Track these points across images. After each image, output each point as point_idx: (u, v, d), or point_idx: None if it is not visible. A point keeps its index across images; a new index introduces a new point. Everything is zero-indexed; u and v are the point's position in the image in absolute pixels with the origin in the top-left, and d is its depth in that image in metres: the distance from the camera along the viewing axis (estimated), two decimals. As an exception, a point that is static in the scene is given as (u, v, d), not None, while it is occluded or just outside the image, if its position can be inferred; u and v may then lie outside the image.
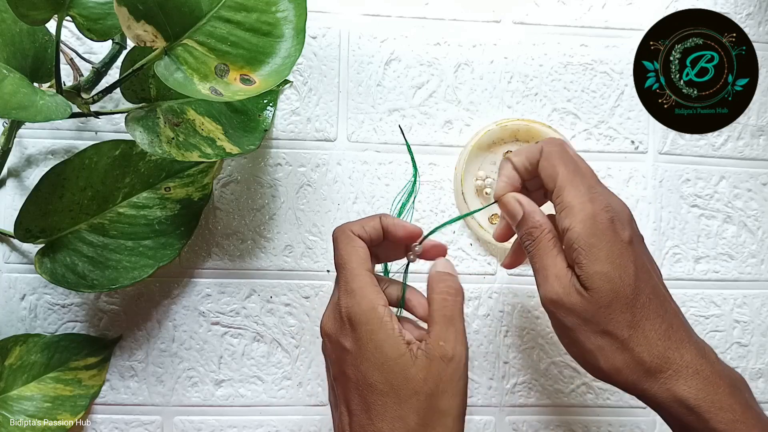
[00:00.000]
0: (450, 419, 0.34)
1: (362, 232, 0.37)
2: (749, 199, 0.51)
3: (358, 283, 0.35)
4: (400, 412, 0.33)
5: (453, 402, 0.34)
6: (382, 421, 0.33)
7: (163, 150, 0.39)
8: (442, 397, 0.34)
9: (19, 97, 0.35)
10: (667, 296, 0.36)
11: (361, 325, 0.34)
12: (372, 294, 0.35)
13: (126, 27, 0.36)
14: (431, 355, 0.34)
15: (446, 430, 0.34)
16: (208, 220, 0.48)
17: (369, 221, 0.38)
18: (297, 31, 0.39)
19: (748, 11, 0.52)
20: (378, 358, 0.34)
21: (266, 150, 0.49)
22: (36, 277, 0.47)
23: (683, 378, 0.33)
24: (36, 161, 0.48)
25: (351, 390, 0.35)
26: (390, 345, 0.34)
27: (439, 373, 0.34)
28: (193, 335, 0.48)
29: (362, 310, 0.34)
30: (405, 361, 0.34)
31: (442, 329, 0.35)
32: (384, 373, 0.34)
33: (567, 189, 0.35)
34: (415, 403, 0.33)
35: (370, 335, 0.34)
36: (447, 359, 0.34)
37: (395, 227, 0.38)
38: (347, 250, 0.36)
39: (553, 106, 0.50)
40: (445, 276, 0.37)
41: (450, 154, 0.50)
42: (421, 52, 0.50)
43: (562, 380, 0.49)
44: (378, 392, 0.34)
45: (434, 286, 0.37)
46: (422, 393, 0.33)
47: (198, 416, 0.48)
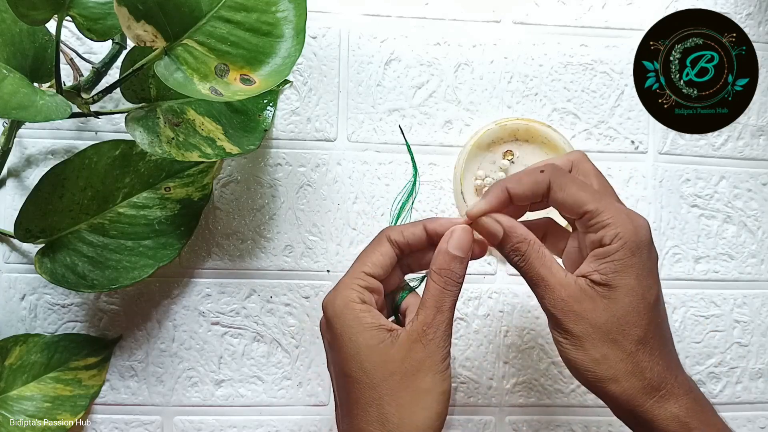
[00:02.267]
0: (430, 398, 0.34)
1: (399, 237, 0.37)
2: (749, 199, 0.51)
3: (345, 279, 0.36)
4: (375, 396, 0.34)
5: (435, 380, 0.34)
6: (357, 408, 0.34)
7: (163, 150, 0.39)
8: (422, 376, 0.34)
9: (19, 97, 0.35)
10: (665, 316, 0.36)
11: (336, 319, 0.35)
12: (348, 290, 0.35)
13: (126, 27, 0.36)
14: (413, 337, 0.34)
15: (428, 409, 0.34)
16: (208, 220, 0.48)
17: (410, 226, 0.37)
18: (297, 31, 0.39)
19: (748, 11, 0.52)
20: (351, 349, 0.34)
21: (266, 150, 0.49)
22: (36, 277, 0.47)
23: (676, 397, 0.34)
24: (36, 161, 0.48)
25: (335, 383, 0.37)
26: (367, 336, 0.34)
27: (419, 354, 0.34)
28: (193, 335, 0.48)
29: (336, 305, 0.35)
30: (384, 346, 0.34)
31: (429, 315, 0.35)
32: (358, 362, 0.34)
33: (603, 210, 0.34)
34: (390, 384, 0.34)
35: (344, 329, 0.35)
36: (427, 341, 0.34)
37: (442, 227, 0.37)
38: (368, 250, 0.37)
39: (553, 106, 0.50)
40: (454, 261, 0.36)
41: (450, 154, 0.50)
42: (421, 52, 0.50)
43: (562, 380, 0.49)
44: (353, 381, 0.34)
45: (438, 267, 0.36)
46: (398, 373, 0.34)
47: (198, 416, 0.48)
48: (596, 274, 0.34)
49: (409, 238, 0.37)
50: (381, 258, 0.37)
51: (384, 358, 0.34)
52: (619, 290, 0.34)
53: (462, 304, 0.49)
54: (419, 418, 0.34)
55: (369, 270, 0.36)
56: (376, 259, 0.37)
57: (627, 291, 0.34)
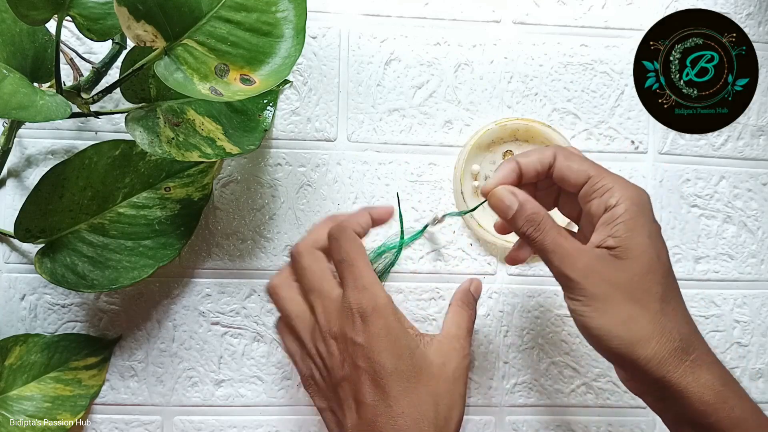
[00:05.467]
0: (463, 402, 0.38)
1: (360, 229, 0.40)
2: (749, 199, 0.51)
3: (369, 280, 0.37)
4: (425, 394, 0.36)
5: (464, 388, 0.38)
6: (403, 403, 0.35)
7: (163, 150, 0.39)
8: (459, 383, 0.38)
9: (19, 97, 0.35)
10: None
11: (377, 319, 0.36)
12: (383, 290, 0.37)
13: (126, 27, 0.36)
14: (445, 345, 0.39)
15: (461, 413, 0.38)
16: (208, 220, 0.48)
17: (360, 217, 0.41)
18: (297, 31, 0.39)
19: (748, 11, 0.52)
20: (396, 348, 0.36)
21: (266, 150, 0.49)
22: (36, 277, 0.47)
23: (708, 364, 0.33)
24: (36, 161, 0.48)
25: (364, 382, 0.35)
26: (407, 336, 0.37)
27: (455, 361, 0.38)
28: (193, 335, 0.48)
29: (378, 305, 0.36)
30: (422, 349, 0.37)
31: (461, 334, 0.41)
32: (404, 359, 0.36)
33: (604, 176, 0.36)
34: (435, 386, 0.36)
35: (388, 329, 0.36)
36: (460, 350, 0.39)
37: (380, 216, 0.42)
38: (353, 248, 0.38)
39: (553, 106, 0.50)
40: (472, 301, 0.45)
41: (450, 154, 0.50)
42: (421, 52, 0.50)
43: (562, 380, 0.49)
44: (400, 376, 0.35)
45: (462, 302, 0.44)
46: (441, 376, 0.37)
47: (198, 416, 0.48)
48: (610, 240, 0.34)
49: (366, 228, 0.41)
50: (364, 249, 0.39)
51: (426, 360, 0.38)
52: (634, 249, 0.34)
53: (462, 304, 0.49)
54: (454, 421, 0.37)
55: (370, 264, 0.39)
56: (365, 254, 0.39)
57: (642, 249, 0.34)
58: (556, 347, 0.49)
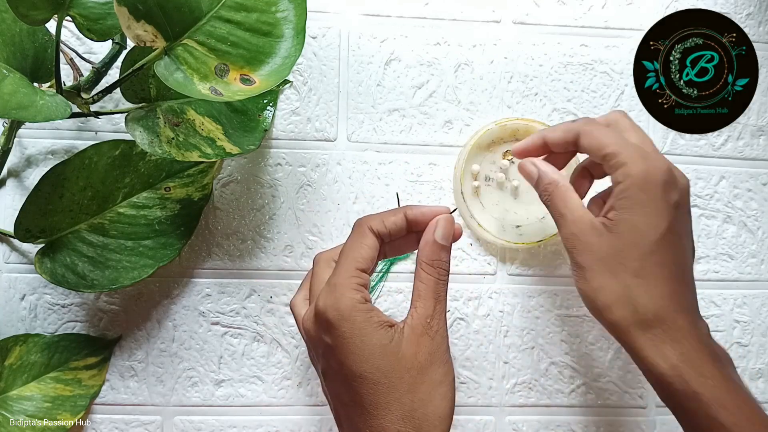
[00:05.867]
0: (445, 387, 0.35)
1: (381, 227, 0.37)
2: (749, 199, 0.51)
3: (340, 279, 0.36)
4: (396, 395, 0.34)
5: (444, 370, 0.35)
6: (377, 409, 0.34)
7: (163, 150, 0.39)
8: (435, 368, 0.35)
9: (19, 97, 0.35)
10: (688, 271, 0.38)
11: (343, 322, 0.34)
12: (351, 292, 0.35)
13: (126, 27, 0.36)
14: (418, 330, 0.35)
15: (445, 398, 0.35)
16: (208, 220, 0.48)
17: (391, 215, 0.38)
18: (297, 31, 0.39)
19: (748, 11, 0.52)
20: (364, 351, 0.34)
21: (266, 150, 0.49)
22: (36, 277, 0.47)
23: (671, 340, 0.35)
24: (36, 161, 0.48)
25: (339, 383, 0.35)
26: (378, 336, 0.34)
27: (428, 346, 0.35)
28: (193, 335, 0.48)
29: (342, 308, 0.35)
30: (395, 345, 0.35)
31: (429, 306, 0.36)
32: (373, 362, 0.34)
33: (619, 153, 0.37)
34: (408, 380, 0.34)
35: (354, 332, 0.34)
36: (433, 333, 0.35)
37: (423, 215, 0.38)
38: (353, 245, 0.37)
39: (553, 106, 0.50)
40: (442, 251, 0.37)
41: (450, 154, 0.50)
42: (421, 52, 0.50)
43: (562, 380, 0.49)
44: (369, 382, 0.34)
45: (429, 258, 0.37)
46: (414, 368, 0.34)
47: (198, 416, 0.48)
48: (611, 212, 0.37)
49: (391, 228, 0.38)
50: (369, 251, 0.37)
51: (398, 355, 0.34)
52: (622, 224, 0.36)
53: (462, 304, 0.49)
54: (440, 407, 0.35)
55: (361, 266, 0.36)
56: (366, 253, 0.37)
57: (629, 226, 0.36)
58: (556, 347, 0.49)
